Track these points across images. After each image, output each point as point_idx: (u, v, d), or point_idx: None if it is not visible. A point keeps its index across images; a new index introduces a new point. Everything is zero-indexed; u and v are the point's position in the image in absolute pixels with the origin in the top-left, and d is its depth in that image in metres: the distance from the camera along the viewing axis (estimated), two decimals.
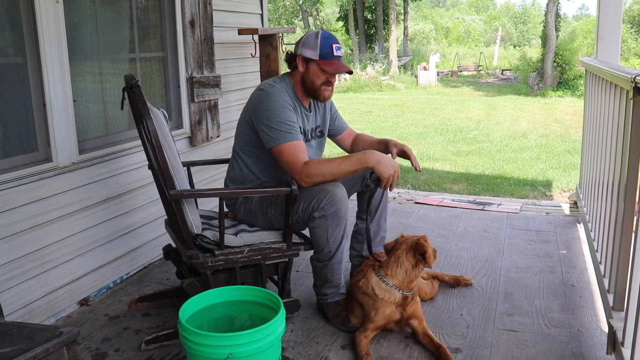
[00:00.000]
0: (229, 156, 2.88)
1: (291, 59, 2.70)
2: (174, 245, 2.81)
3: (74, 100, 2.85)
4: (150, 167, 2.60)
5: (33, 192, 2.63)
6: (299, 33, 28.93)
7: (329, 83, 2.66)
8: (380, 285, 2.52)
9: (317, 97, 2.69)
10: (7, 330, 1.82)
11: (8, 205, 2.51)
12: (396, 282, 2.51)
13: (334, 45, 2.62)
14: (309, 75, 2.64)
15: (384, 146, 2.89)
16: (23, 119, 2.67)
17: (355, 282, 2.68)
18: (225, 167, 2.95)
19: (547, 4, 19.64)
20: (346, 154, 2.99)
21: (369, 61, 24.82)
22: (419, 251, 2.50)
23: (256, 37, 4.39)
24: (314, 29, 3.12)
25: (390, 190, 2.62)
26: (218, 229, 2.45)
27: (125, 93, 2.48)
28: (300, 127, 2.63)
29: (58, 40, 2.70)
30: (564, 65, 18.68)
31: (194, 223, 2.47)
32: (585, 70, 4.27)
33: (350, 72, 2.69)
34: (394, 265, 2.53)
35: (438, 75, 23.82)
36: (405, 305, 2.51)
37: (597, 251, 3.05)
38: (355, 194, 2.96)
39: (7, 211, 2.51)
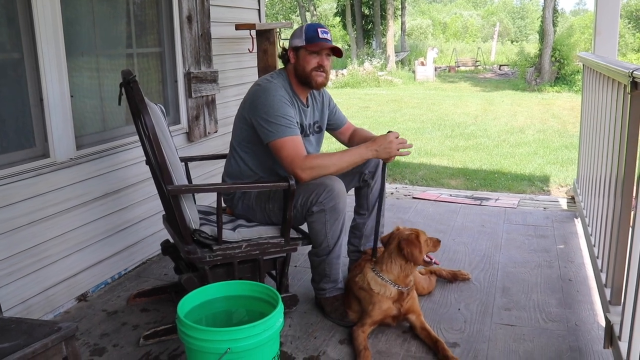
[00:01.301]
0: (227, 151, 2.88)
1: (284, 55, 2.74)
2: (172, 240, 2.81)
3: (72, 96, 2.84)
4: (148, 162, 2.60)
5: (31, 188, 2.62)
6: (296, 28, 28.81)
7: (321, 67, 2.66)
8: (377, 280, 2.53)
9: (309, 83, 2.68)
10: (6, 325, 1.82)
11: (6, 201, 2.50)
12: (392, 277, 2.52)
13: (319, 30, 2.64)
14: (299, 63, 2.66)
15: None
16: (20, 114, 2.66)
17: (353, 277, 2.68)
18: (222, 162, 2.95)
19: None
20: (345, 148, 3.00)
21: (366, 56, 24.79)
22: (403, 250, 2.50)
23: (253, 32, 4.38)
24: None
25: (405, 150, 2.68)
26: (216, 224, 2.45)
27: (123, 88, 2.47)
28: (298, 122, 2.64)
29: (55, 36, 2.69)
30: (561, 60, 18.67)
31: (192, 218, 2.47)
32: (583, 65, 4.27)
33: (339, 53, 2.69)
34: (388, 261, 2.54)
35: (435, 70, 23.79)
36: (402, 300, 2.52)
37: (594, 246, 3.05)
38: (353, 189, 2.96)
39: (5, 207, 2.50)
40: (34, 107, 2.68)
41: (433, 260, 2.62)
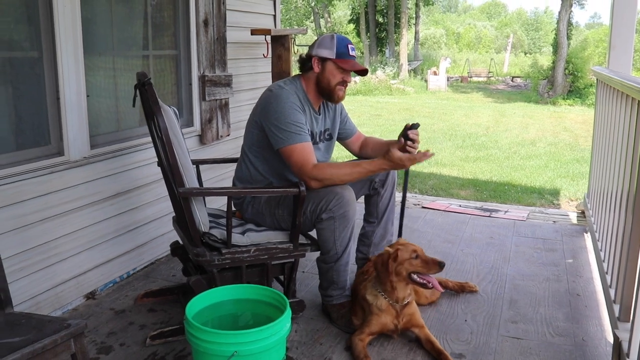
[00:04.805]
0: (238, 155, 2.90)
1: (305, 60, 2.71)
2: (181, 242, 2.82)
3: (87, 95, 2.87)
4: (160, 164, 2.62)
5: (44, 185, 2.65)
6: (311, 34, 28.90)
7: (344, 83, 2.67)
8: (372, 291, 2.54)
9: (331, 97, 2.69)
10: (16, 320, 1.84)
11: (19, 197, 2.53)
12: (383, 290, 2.51)
13: (349, 46, 2.66)
14: (324, 74, 2.65)
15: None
16: (37, 112, 2.70)
17: (358, 285, 2.68)
18: (234, 166, 2.97)
19: (559, 12, 19.57)
20: (354, 157, 3.01)
21: (379, 64, 24.81)
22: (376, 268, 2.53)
23: (268, 37, 4.41)
24: (327, 32, 3.10)
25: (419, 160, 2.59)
26: (225, 228, 2.47)
27: (137, 90, 2.50)
28: (308, 129, 2.65)
29: (74, 36, 2.73)
30: (575, 73, 18.59)
31: (202, 221, 2.49)
32: (597, 79, 4.26)
33: (366, 71, 2.70)
34: (377, 275, 2.54)
35: (448, 80, 23.75)
36: (398, 315, 2.50)
37: (603, 261, 3.04)
38: (363, 197, 2.96)
39: (18, 203, 2.53)
40: (51, 106, 2.71)
41: (430, 284, 2.47)
